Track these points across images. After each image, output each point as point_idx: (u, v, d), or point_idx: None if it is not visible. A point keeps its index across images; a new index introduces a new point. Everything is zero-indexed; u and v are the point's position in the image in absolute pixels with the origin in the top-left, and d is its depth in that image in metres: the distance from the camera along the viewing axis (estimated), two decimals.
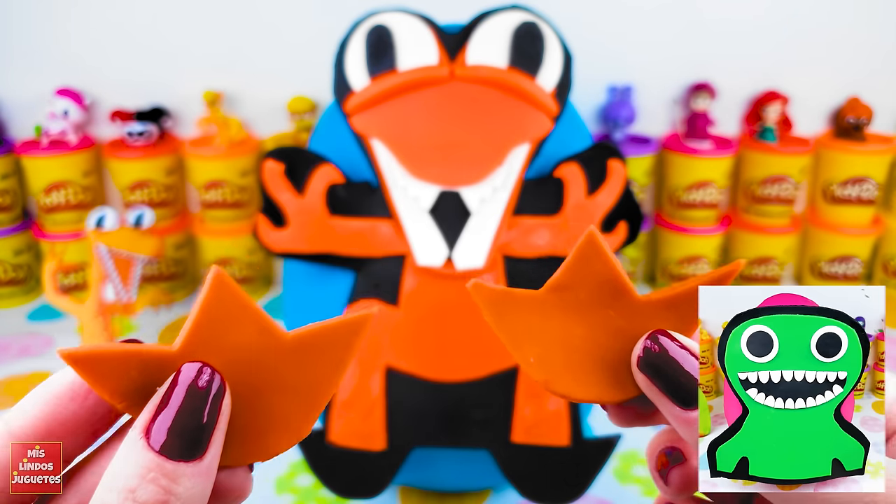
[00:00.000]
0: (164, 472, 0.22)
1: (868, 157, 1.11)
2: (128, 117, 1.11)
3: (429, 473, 0.67)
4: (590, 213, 0.59)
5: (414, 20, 0.60)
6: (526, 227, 0.60)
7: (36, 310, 1.15)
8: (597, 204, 0.61)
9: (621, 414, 0.31)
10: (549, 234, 0.59)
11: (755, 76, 1.16)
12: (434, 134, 0.58)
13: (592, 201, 0.60)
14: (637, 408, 0.31)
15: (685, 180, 1.13)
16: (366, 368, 0.60)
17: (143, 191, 1.11)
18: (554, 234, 0.60)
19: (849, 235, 1.15)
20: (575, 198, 0.60)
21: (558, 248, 0.60)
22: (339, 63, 0.61)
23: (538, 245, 0.60)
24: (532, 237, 0.60)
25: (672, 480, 0.32)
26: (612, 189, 0.61)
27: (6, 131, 1.16)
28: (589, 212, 0.59)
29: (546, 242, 0.60)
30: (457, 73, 0.58)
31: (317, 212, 0.59)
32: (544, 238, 0.60)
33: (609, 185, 0.61)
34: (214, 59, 1.14)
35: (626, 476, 0.76)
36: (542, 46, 0.60)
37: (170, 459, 0.23)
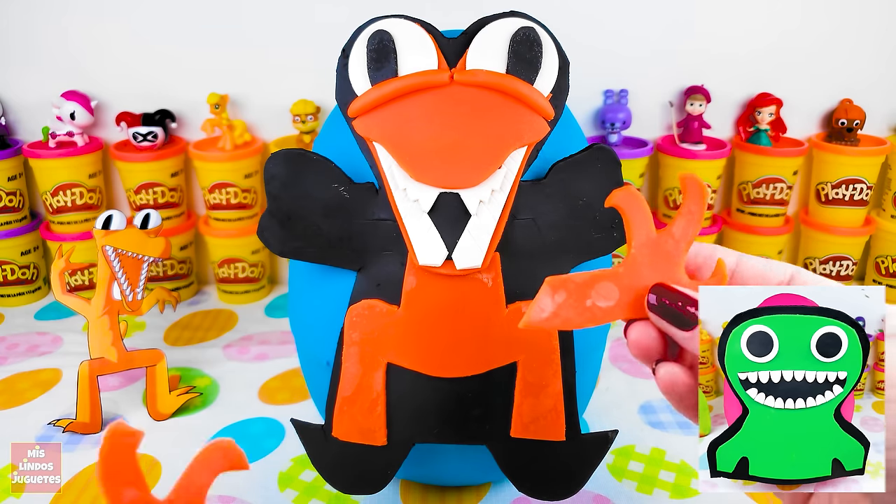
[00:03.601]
0: None
1: (860, 158, 1.13)
2: (134, 120, 1.11)
3: (430, 468, 0.69)
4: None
5: (415, 27, 0.60)
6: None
7: (43, 309, 1.16)
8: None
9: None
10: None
11: (749, 79, 1.17)
12: (434, 137, 0.58)
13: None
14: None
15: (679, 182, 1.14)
16: (368, 365, 0.61)
17: (150, 192, 1.12)
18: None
19: (841, 236, 1.16)
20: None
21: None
22: (343, 68, 0.61)
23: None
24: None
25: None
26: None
27: (14, 133, 1.17)
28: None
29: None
30: (456, 77, 0.58)
31: None
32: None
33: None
34: (220, 63, 1.15)
35: (622, 471, 0.77)
36: (540, 52, 0.60)
37: None
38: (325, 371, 0.63)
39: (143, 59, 1.15)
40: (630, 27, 1.15)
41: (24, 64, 1.15)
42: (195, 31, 1.14)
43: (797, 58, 1.17)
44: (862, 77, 1.18)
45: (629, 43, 1.15)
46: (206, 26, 1.13)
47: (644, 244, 0.39)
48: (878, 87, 1.19)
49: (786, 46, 1.17)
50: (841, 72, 1.18)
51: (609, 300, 0.38)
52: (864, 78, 1.18)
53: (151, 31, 1.14)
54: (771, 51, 1.17)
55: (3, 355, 1.01)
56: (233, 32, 1.14)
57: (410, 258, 0.59)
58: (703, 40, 1.16)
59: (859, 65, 1.18)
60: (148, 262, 0.89)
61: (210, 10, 1.12)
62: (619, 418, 0.86)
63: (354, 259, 0.61)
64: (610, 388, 0.93)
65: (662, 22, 1.15)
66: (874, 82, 1.19)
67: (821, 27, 1.16)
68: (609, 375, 0.97)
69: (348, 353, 0.61)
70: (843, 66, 1.18)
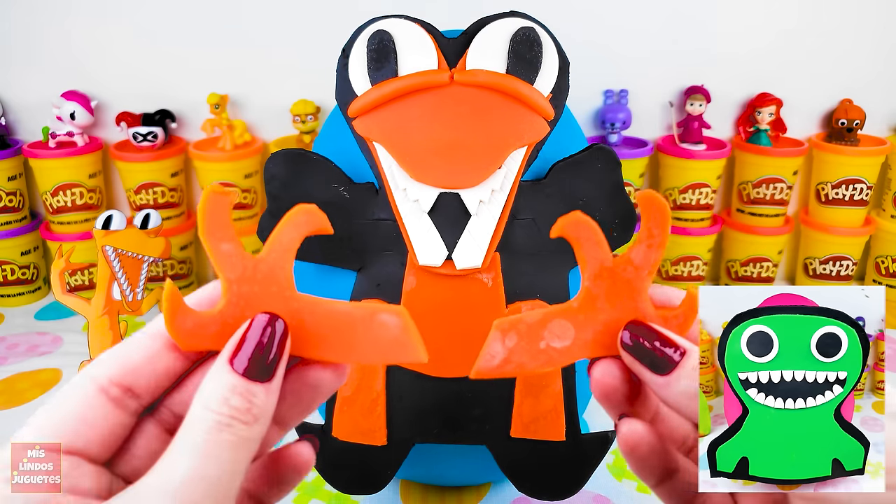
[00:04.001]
0: (247, 388, 0.30)
1: (860, 158, 1.13)
2: (134, 120, 1.11)
3: (429, 468, 0.69)
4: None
5: (415, 26, 0.60)
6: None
7: (43, 309, 1.16)
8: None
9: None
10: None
11: (749, 80, 1.17)
12: (434, 137, 0.58)
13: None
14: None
15: (679, 182, 1.14)
16: (368, 365, 0.61)
17: (149, 192, 1.12)
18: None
19: (841, 236, 1.16)
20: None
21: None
22: (342, 68, 0.61)
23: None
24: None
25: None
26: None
27: (14, 133, 1.17)
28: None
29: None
30: (457, 77, 0.58)
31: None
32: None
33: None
34: (220, 62, 1.15)
35: (622, 471, 0.77)
36: (540, 52, 0.60)
37: (249, 380, 0.31)
38: None
39: (143, 59, 1.15)
40: (630, 27, 1.15)
41: (24, 64, 1.15)
42: (195, 31, 1.14)
43: (797, 58, 1.17)
44: (862, 77, 1.18)
45: (629, 43, 1.15)
46: (207, 26, 1.13)
47: (598, 275, 0.35)
48: (878, 87, 1.19)
49: (786, 46, 1.17)
50: (841, 72, 1.18)
51: (564, 340, 0.35)
52: (864, 78, 1.18)
53: (152, 32, 1.14)
54: (771, 51, 1.17)
55: (3, 355, 1.01)
56: (233, 32, 1.14)
57: (410, 258, 0.59)
58: (703, 40, 1.16)
59: (859, 65, 1.18)
60: (148, 263, 0.89)
61: (210, 11, 1.12)
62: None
63: (354, 259, 0.61)
64: None
65: (662, 22, 1.15)
66: (874, 82, 1.19)
67: (820, 27, 1.16)
68: None
69: None
70: (843, 65, 1.18)
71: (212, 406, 0.30)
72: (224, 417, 0.30)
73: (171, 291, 0.33)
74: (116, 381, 0.32)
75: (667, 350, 0.33)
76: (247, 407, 0.30)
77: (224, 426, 0.30)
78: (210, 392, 0.30)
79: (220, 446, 0.29)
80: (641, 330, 0.34)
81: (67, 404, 0.31)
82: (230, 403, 0.30)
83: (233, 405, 0.30)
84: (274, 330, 0.32)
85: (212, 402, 0.30)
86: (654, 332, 0.34)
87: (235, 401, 0.30)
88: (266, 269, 0.33)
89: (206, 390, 0.30)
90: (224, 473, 0.29)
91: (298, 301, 0.33)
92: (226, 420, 0.30)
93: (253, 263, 0.33)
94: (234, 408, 0.30)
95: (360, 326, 0.33)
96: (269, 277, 0.33)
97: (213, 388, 0.30)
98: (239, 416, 0.30)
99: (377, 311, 0.33)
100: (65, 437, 0.30)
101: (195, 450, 0.29)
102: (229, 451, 0.29)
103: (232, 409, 0.30)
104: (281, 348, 0.32)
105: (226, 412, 0.30)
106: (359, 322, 0.33)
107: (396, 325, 0.33)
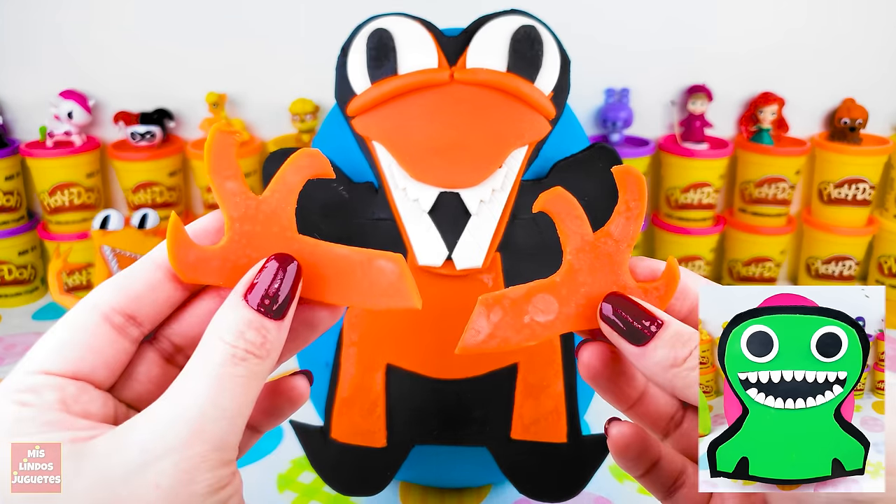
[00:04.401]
0: (261, 324, 0.31)
1: (863, 158, 1.12)
2: (132, 119, 1.11)
3: (429, 470, 0.68)
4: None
5: (415, 24, 0.60)
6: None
7: (41, 309, 1.16)
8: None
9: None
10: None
11: (751, 78, 1.17)
12: (434, 136, 0.58)
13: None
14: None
15: (682, 181, 1.14)
16: (367, 366, 0.60)
17: (147, 192, 1.12)
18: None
19: (844, 235, 1.16)
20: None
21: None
22: (341, 67, 0.61)
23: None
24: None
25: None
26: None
27: (11, 133, 1.17)
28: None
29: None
30: (457, 76, 0.58)
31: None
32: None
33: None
34: (218, 61, 1.15)
35: (624, 473, 0.76)
36: (541, 50, 0.60)
37: (264, 316, 0.32)
38: (325, 372, 0.63)
39: (141, 57, 1.15)
40: (631, 25, 1.15)
41: (21, 63, 1.15)
42: (193, 29, 1.13)
43: (799, 57, 1.17)
44: (865, 76, 1.18)
45: (631, 41, 1.15)
46: (205, 25, 1.13)
47: (580, 248, 0.37)
48: (881, 86, 1.19)
49: (788, 45, 1.16)
50: (843, 71, 1.18)
51: (548, 314, 0.36)
52: (867, 77, 1.18)
53: (150, 30, 1.13)
54: (773, 50, 1.16)
55: (1, 356, 1.01)
56: (231, 31, 1.13)
57: (410, 258, 0.59)
58: (705, 39, 1.16)
59: (862, 64, 1.18)
60: None
61: (208, 9, 1.12)
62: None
63: None
64: None
65: (664, 20, 1.14)
66: (877, 81, 1.18)
67: (823, 26, 1.16)
68: None
69: (347, 354, 0.61)
70: (846, 65, 1.18)
71: (227, 339, 0.31)
72: (239, 351, 0.31)
73: (175, 224, 0.33)
74: (119, 308, 0.33)
75: (644, 322, 0.34)
76: (261, 341, 0.31)
77: (239, 360, 0.31)
78: (226, 325, 0.31)
79: (235, 379, 0.30)
80: (620, 301, 0.35)
81: (72, 331, 0.32)
82: (245, 337, 0.31)
83: (248, 339, 0.31)
84: (287, 270, 0.33)
85: (227, 335, 0.31)
86: (632, 303, 0.35)
87: (250, 334, 0.31)
88: (268, 210, 0.34)
89: (220, 323, 0.32)
90: (236, 406, 0.30)
91: (299, 242, 0.34)
92: (241, 354, 0.31)
93: (256, 203, 0.34)
94: (250, 341, 0.31)
95: (359, 270, 0.34)
96: (272, 218, 0.34)
97: (228, 322, 0.31)
98: (254, 350, 0.31)
99: (375, 257, 0.34)
100: (71, 364, 0.31)
101: (211, 379, 0.30)
102: (243, 383, 0.31)
103: (247, 343, 0.31)
104: (294, 289, 0.33)
105: (241, 346, 0.31)
106: (357, 266, 0.34)
107: (393, 272, 0.34)
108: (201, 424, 0.29)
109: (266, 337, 0.31)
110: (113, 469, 0.28)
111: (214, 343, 0.31)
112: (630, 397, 0.39)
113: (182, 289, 0.35)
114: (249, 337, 0.31)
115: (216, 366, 0.30)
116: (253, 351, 0.31)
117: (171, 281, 0.34)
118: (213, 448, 0.29)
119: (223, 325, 0.31)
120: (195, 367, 0.31)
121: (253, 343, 0.31)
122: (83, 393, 0.31)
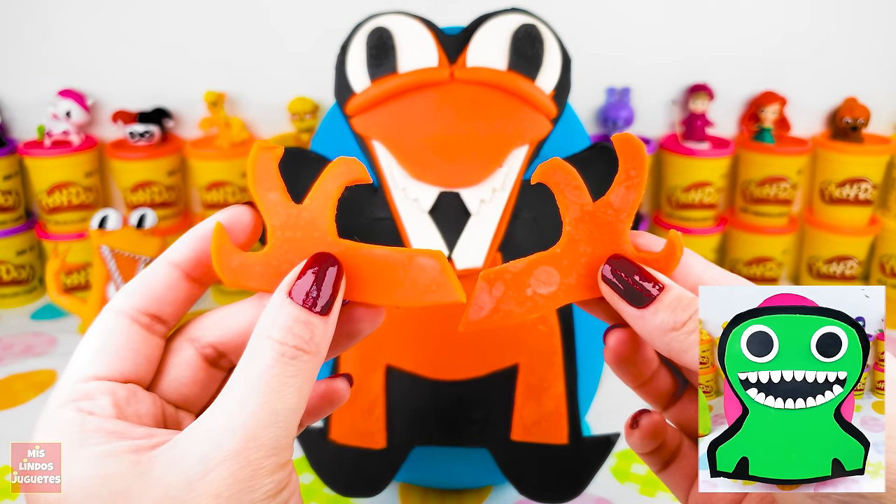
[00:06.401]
0: (308, 319, 0.31)
1: (865, 157, 1.12)
2: (130, 118, 1.11)
3: (429, 471, 0.68)
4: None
5: (414, 23, 0.60)
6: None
7: (39, 310, 1.15)
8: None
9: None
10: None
11: (753, 77, 1.17)
12: (434, 136, 0.57)
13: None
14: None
15: (683, 181, 1.13)
16: (366, 367, 0.60)
17: (146, 191, 1.12)
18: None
19: (846, 235, 1.16)
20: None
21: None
22: (341, 65, 0.61)
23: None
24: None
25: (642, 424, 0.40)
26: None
27: (9, 132, 1.17)
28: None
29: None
30: (457, 74, 0.58)
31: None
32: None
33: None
34: (216, 60, 1.14)
35: (625, 474, 0.76)
36: (542, 49, 0.59)
37: (310, 311, 0.31)
38: (324, 372, 0.63)
39: (139, 56, 1.14)
40: (633, 24, 1.15)
41: (19, 62, 1.15)
42: (192, 28, 1.13)
43: (801, 56, 1.17)
44: (867, 75, 1.18)
45: (632, 40, 1.15)
46: (203, 24, 1.13)
47: (579, 219, 0.36)
48: (883, 86, 1.18)
49: (790, 44, 1.16)
50: (845, 70, 1.18)
51: (550, 285, 0.36)
52: (869, 76, 1.18)
53: (148, 29, 1.13)
54: (775, 49, 1.16)
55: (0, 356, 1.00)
56: (230, 30, 1.13)
57: None
58: (707, 38, 1.15)
59: (864, 63, 1.18)
60: (144, 262, 0.89)
61: (207, 8, 1.12)
62: (621, 421, 0.86)
63: None
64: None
65: (666, 20, 1.14)
66: (879, 80, 1.18)
67: (825, 26, 1.15)
68: (612, 377, 0.96)
69: (346, 355, 0.61)
70: (848, 64, 1.18)
71: (275, 335, 0.31)
72: (288, 348, 0.30)
73: (219, 231, 0.34)
74: (143, 309, 0.33)
75: (645, 284, 0.34)
76: (309, 335, 0.31)
77: (289, 358, 0.30)
78: (272, 322, 0.31)
79: (286, 380, 0.30)
80: (621, 263, 0.35)
81: (106, 336, 0.32)
82: (294, 332, 0.31)
83: (296, 333, 0.31)
84: (328, 268, 0.33)
85: (275, 332, 0.31)
86: (634, 265, 0.35)
87: (298, 328, 0.31)
88: (308, 217, 0.35)
89: (267, 321, 0.31)
90: (289, 408, 0.30)
91: (339, 245, 0.35)
92: (290, 351, 0.31)
93: (296, 211, 0.35)
94: (298, 336, 0.31)
95: (400, 269, 0.34)
96: (312, 224, 0.35)
97: (275, 319, 0.31)
98: (302, 346, 0.31)
99: (416, 255, 0.34)
100: (117, 365, 0.31)
101: (262, 383, 0.30)
102: (294, 384, 0.30)
103: (296, 338, 0.31)
104: (336, 285, 0.33)
105: (290, 342, 0.31)
106: (398, 265, 0.34)
107: (434, 268, 0.34)
108: (255, 430, 0.29)
109: (314, 332, 0.31)
110: (176, 482, 0.28)
111: (262, 343, 0.31)
112: (643, 376, 0.40)
113: (197, 286, 0.35)
114: (297, 331, 0.31)
115: (266, 367, 0.30)
116: (302, 347, 0.31)
117: (187, 279, 0.34)
118: (269, 453, 0.29)
119: (270, 323, 0.31)
120: (245, 370, 0.30)
121: (301, 338, 0.31)
122: (132, 395, 0.31)
